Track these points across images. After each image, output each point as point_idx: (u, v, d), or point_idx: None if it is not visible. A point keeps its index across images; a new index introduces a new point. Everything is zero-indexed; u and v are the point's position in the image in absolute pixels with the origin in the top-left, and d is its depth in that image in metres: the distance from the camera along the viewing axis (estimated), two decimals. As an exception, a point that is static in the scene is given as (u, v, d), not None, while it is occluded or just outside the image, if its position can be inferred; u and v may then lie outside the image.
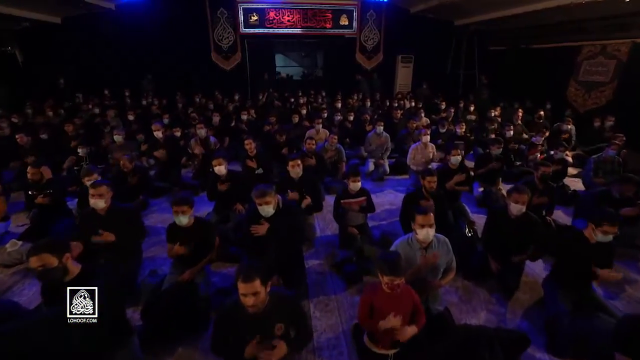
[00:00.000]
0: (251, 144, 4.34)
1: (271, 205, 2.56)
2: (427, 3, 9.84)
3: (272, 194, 2.56)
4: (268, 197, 2.53)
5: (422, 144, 5.05)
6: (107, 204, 2.74)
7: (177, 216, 2.61)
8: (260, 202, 2.54)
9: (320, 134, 5.98)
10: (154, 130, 4.98)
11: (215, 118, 6.22)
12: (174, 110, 8.56)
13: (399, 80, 11.64)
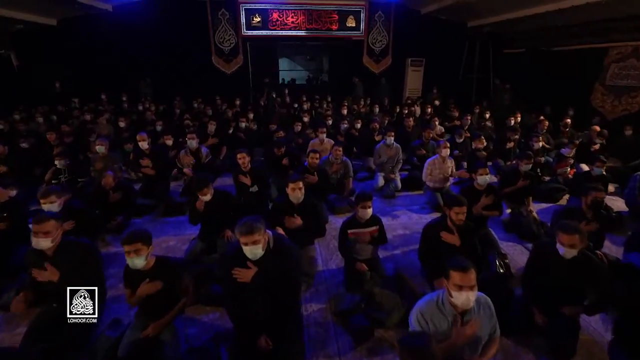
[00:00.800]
0: (244, 157, 3.79)
1: (260, 246, 2.00)
2: (439, 3, 9.28)
3: (261, 231, 1.99)
4: (256, 234, 1.97)
5: (440, 157, 4.45)
6: (56, 242, 2.21)
7: (128, 258, 2.06)
8: (247, 242, 1.98)
9: (324, 144, 5.42)
10: (138, 140, 4.47)
11: (210, 126, 5.70)
12: (171, 117, 8.10)
13: (409, 85, 11.06)
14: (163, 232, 3.92)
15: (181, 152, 4.65)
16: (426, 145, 5.39)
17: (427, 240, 2.73)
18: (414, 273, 2.98)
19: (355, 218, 2.86)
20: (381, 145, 5.16)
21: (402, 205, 4.62)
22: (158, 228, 3.98)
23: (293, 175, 3.08)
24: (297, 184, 2.99)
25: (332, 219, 4.14)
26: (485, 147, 5.73)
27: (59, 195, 3.02)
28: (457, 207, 2.59)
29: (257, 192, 3.92)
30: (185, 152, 4.64)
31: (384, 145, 5.14)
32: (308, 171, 3.93)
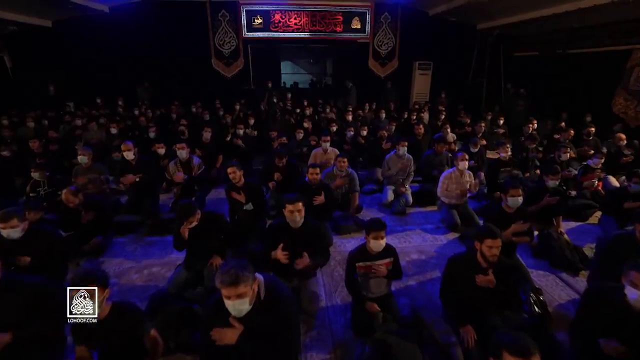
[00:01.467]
0: (235, 172, 3.36)
1: (246, 300, 1.57)
2: (449, 4, 8.85)
3: (248, 281, 1.56)
4: (242, 285, 1.53)
5: (458, 171, 4.00)
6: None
7: None
8: (230, 295, 1.54)
9: (328, 153, 4.99)
10: (123, 150, 4.06)
11: (205, 134, 5.28)
12: (168, 122, 7.71)
13: (416, 89, 10.62)
14: (147, 254, 3.50)
15: (170, 164, 4.23)
16: (439, 156, 4.93)
17: (452, 279, 2.28)
18: (434, 314, 2.53)
19: (365, 249, 2.42)
20: (391, 155, 4.71)
21: (414, 224, 4.16)
22: (141, 250, 3.56)
23: (291, 195, 2.64)
24: (296, 206, 2.56)
25: (336, 241, 3.69)
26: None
27: (21, 219, 2.60)
28: (491, 240, 2.13)
29: (253, 210, 3.48)
30: (175, 164, 4.21)
31: (394, 156, 4.69)
32: (309, 188, 3.49)
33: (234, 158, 5.71)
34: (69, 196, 3.16)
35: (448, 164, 5.01)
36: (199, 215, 2.69)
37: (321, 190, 3.47)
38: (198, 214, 2.68)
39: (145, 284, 3.04)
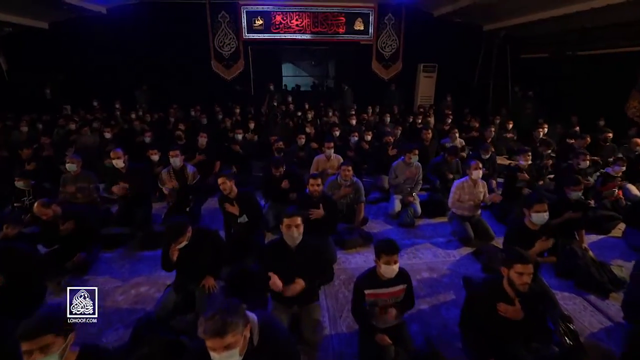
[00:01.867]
0: (225, 183, 3.09)
1: (236, 351, 1.29)
2: (454, 4, 8.60)
3: (238, 329, 1.28)
4: (230, 336, 1.25)
5: (471, 180, 3.72)
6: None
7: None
8: (215, 346, 1.27)
9: (331, 160, 4.72)
10: (112, 157, 3.81)
11: (201, 139, 5.03)
12: (165, 126, 7.47)
13: (420, 92, 10.35)
14: (135, 271, 3.23)
15: (163, 172, 3.96)
16: (449, 164, 4.65)
17: (474, 310, 2.00)
18: (451, 345, 2.25)
19: (375, 274, 2.14)
20: (399, 162, 4.44)
21: (424, 237, 3.87)
22: (129, 267, 3.29)
23: (288, 208, 2.37)
24: (294, 220, 2.29)
25: (341, 256, 3.42)
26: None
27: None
28: (521, 266, 1.85)
29: (248, 222, 3.21)
30: (168, 172, 3.95)
31: (402, 163, 4.41)
32: (310, 200, 3.21)
33: (232, 164, 5.47)
34: (41, 208, 2.88)
35: (459, 171, 4.74)
36: (189, 233, 2.42)
37: (321, 203, 3.19)
38: (189, 232, 2.41)
39: (131, 306, 2.77)
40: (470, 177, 3.71)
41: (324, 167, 4.70)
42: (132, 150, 6.10)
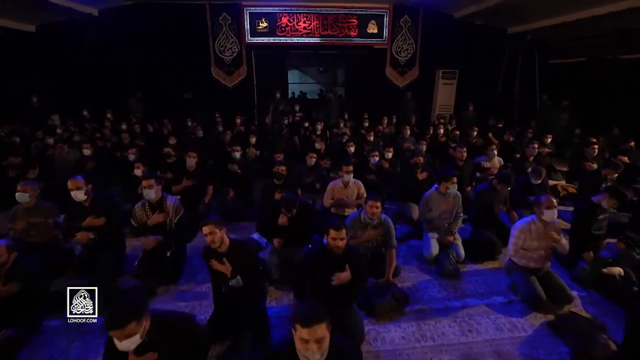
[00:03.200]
0: (215, 233, 2.21)
1: None
2: (479, 5, 7.76)
3: None
4: None
5: (540, 221, 2.80)
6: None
7: None
8: None
9: (349, 188, 3.84)
10: (69, 188, 2.91)
11: (189, 160, 4.16)
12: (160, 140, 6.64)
13: (439, 100, 9.47)
14: (86, 354, 2.33)
15: (136, 206, 3.10)
16: (498, 193, 3.73)
17: None
18: None
19: None
20: (432, 193, 3.53)
21: (476, 295, 2.94)
22: (78, 345, 2.38)
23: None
24: None
25: (370, 329, 2.50)
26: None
27: None
28: None
29: (244, 286, 2.32)
30: (142, 205, 3.08)
31: (436, 194, 3.51)
32: (330, 258, 2.31)
33: (229, 187, 4.61)
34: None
35: (508, 202, 3.84)
36: (148, 318, 1.56)
37: (346, 261, 2.29)
38: (146, 318, 1.55)
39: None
40: (539, 218, 2.79)
41: (340, 196, 3.82)
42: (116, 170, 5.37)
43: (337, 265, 2.27)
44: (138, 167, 4.08)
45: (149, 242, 2.92)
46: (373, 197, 2.93)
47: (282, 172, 3.82)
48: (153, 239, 2.94)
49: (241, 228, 4.15)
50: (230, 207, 4.35)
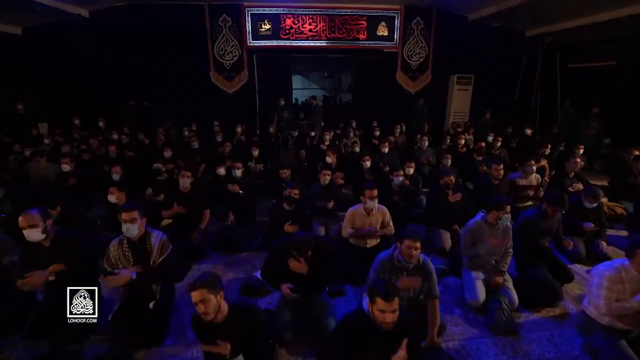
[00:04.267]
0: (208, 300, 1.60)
1: None
2: (500, 4, 7.20)
3: None
4: None
5: (635, 266, 2.15)
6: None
7: None
8: None
9: (374, 215, 3.20)
10: (20, 225, 2.27)
11: (183, 180, 3.51)
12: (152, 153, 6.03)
13: (454, 107, 8.88)
14: None
15: (112, 245, 2.45)
16: (550, 221, 3.09)
17: None
18: None
19: None
20: (478, 223, 2.89)
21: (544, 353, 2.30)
22: None
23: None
24: None
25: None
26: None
27: None
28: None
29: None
30: (120, 243, 2.44)
31: (483, 225, 2.86)
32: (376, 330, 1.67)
33: (230, 210, 3.98)
34: None
35: (561, 230, 3.20)
36: None
37: (399, 335, 1.65)
38: None
39: None
40: (633, 262, 2.15)
41: (361, 224, 3.19)
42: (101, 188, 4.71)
43: (385, 343, 1.63)
44: (112, 193, 3.35)
45: (119, 279, 2.24)
46: (411, 236, 2.29)
47: (295, 196, 3.19)
48: (123, 275, 2.26)
49: (242, 261, 3.51)
50: (229, 234, 3.71)
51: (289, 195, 3.17)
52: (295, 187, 3.24)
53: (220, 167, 4.50)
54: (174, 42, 7.84)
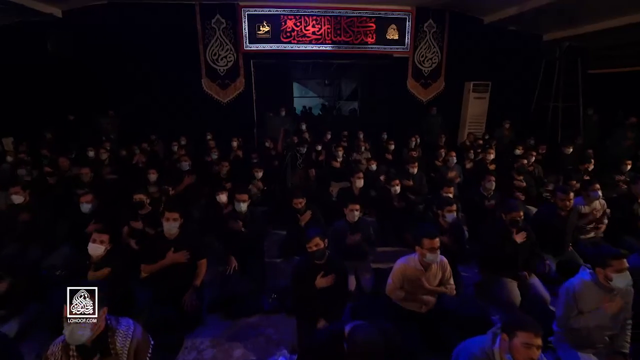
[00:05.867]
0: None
1: None
2: (521, 5, 6.57)
3: None
4: None
5: None
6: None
7: None
8: None
9: (432, 270, 2.36)
10: None
11: (169, 225, 2.52)
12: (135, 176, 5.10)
13: (469, 117, 8.19)
14: None
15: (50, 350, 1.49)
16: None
17: None
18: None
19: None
20: (585, 284, 2.08)
21: None
22: None
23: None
24: None
25: None
26: None
27: None
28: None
29: None
30: (64, 349, 1.51)
31: (593, 286, 2.06)
32: None
33: (230, 253, 3.09)
34: None
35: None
36: None
37: None
38: None
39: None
40: None
41: (416, 283, 2.34)
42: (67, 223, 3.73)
43: None
44: (94, 241, 2.46)
45: None
46: (531, 328, 1.47)
47: (322, 249, 2.32)
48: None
49: (251, 329, 2.61)
50: (232, 289, 2.82)
51: (315, 250, 2.29)
52: (319, 233, 2.34)
53: (222, 192, 3.60)
54: (160, 45, 6.95)
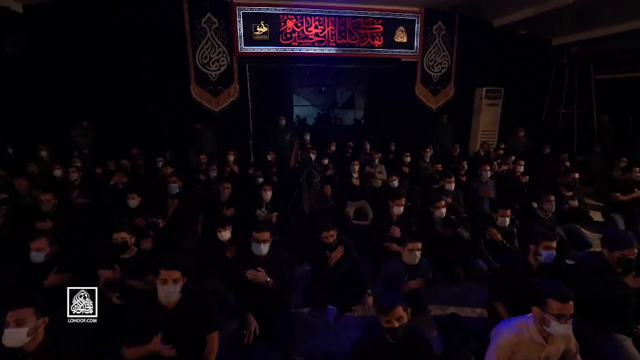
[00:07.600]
0: None
1: None
2: (539, 7, 6.17)
3: None
4: None
5: None
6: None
7: None
8: None
9: (555, 342, 1.64)
10: None
11: (165, 290, 1.63)
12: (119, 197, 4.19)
13: (482, 125, 7.69)
14: None
15: None
16: None
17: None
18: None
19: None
20: None
21: None
22: None
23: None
24: None
25: None
26: None
27: None
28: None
29: None
30: None
31: None
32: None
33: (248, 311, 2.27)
34: None
35: None
36: None
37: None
38: None
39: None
40: None
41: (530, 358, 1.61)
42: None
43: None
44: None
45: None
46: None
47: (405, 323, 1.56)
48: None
49: None
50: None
51: (400, 327, 1.54)
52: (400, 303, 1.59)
53: (223, 229, 2.79)
54: (143, 47, 6.08)
